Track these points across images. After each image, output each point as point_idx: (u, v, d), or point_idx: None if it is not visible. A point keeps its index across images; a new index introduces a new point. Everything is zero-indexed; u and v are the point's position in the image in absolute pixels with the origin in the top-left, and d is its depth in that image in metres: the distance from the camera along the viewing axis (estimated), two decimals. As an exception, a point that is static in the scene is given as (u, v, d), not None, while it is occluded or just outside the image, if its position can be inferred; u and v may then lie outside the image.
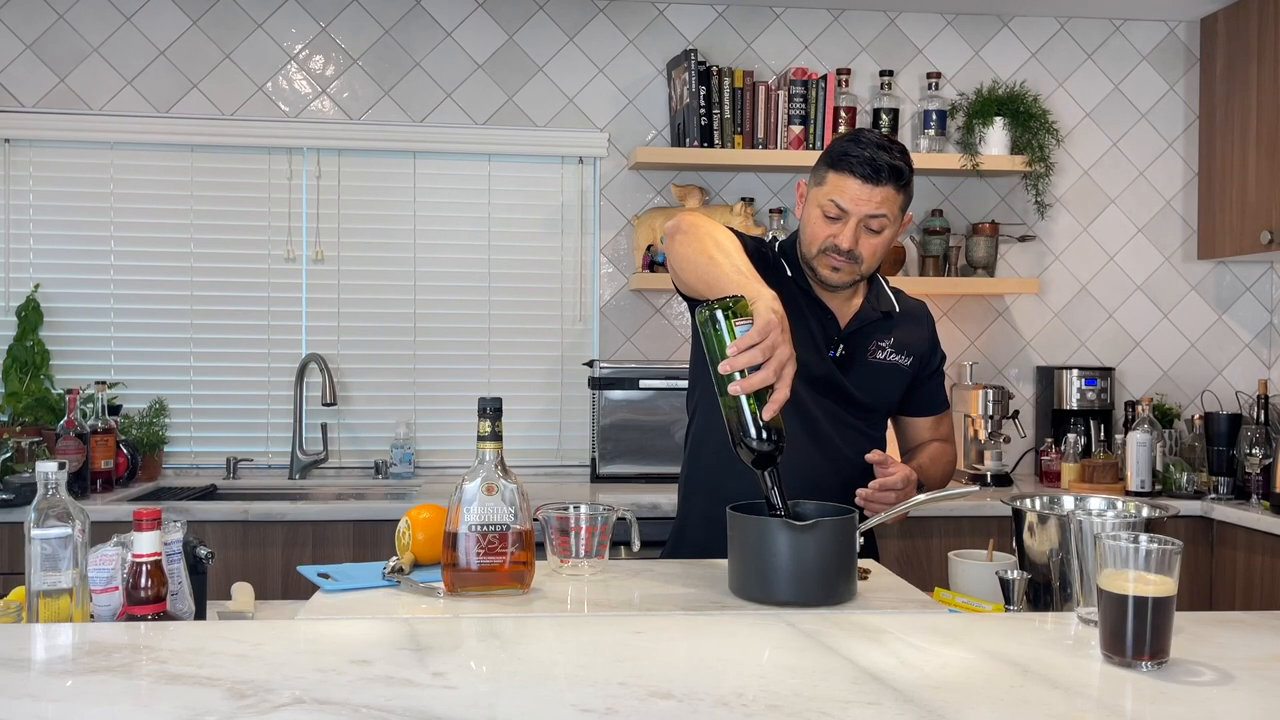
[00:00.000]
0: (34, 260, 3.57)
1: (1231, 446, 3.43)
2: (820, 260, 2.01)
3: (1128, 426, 3.57)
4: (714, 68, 3.58)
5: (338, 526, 3.02)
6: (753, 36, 3.80)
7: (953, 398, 3.81)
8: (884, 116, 3.69)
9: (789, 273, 2.08)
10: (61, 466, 1.52)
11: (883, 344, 2.11)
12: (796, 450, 1.90)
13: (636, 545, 1.86)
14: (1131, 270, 3.96)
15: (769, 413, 1.59)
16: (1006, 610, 1.62)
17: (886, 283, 2.22)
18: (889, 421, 2.23)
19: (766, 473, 1.64)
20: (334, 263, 3.68)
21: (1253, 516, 3.11)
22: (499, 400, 1.71)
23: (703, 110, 3.55)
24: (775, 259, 2.10)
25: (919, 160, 3.66)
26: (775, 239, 2.25)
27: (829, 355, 2.06)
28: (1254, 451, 3.30)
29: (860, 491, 1.90)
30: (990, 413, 3.61)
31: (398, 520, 1.87)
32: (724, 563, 1.70)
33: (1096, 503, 1.74)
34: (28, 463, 2.99)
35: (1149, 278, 3.97)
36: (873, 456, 1.94)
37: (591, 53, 3.75)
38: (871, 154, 1.95)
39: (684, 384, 2.26)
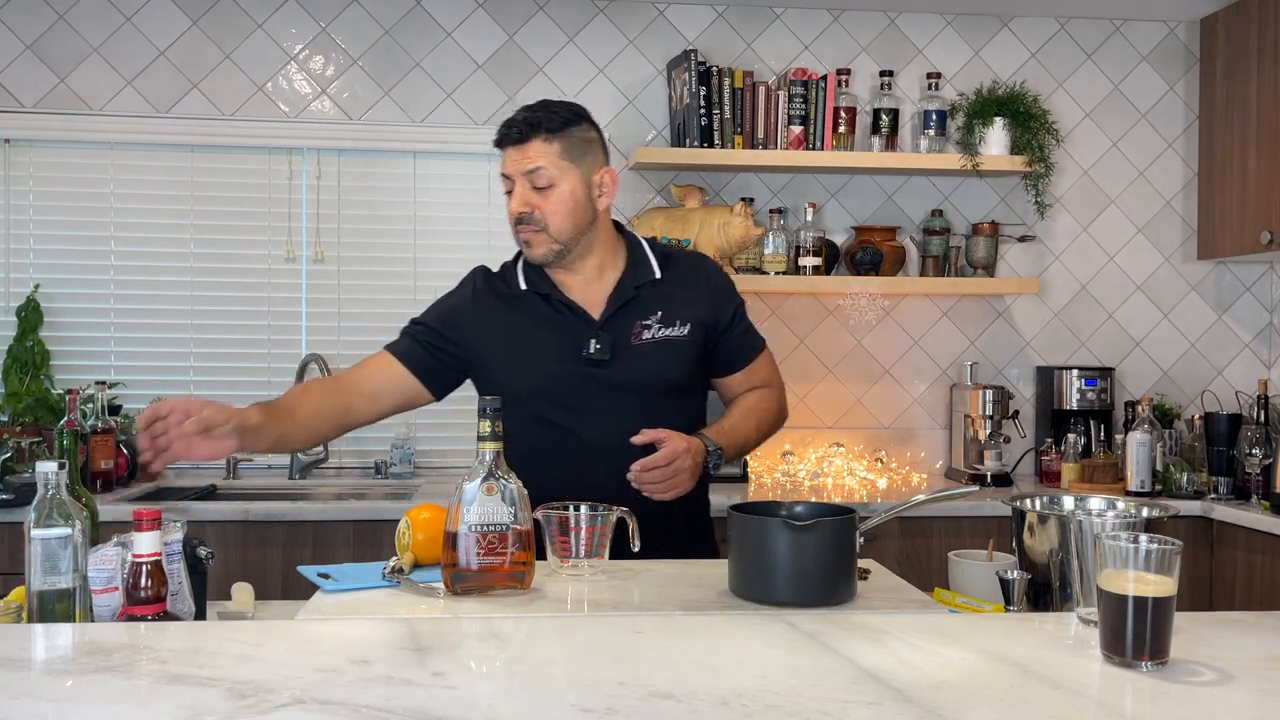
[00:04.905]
0: (34, 260, 3.57)
1: (1231, 446, 3.43)
2: (519, 241, 2.06)
3: (1128, 426, 3.57)
4: (714, 68, 3.58)
5: (338, 526, 3.02)
6: (753, 37, 3.80)
7: (952, 398, 3.82)
8: (884, 116, 3.69)
9: (523, 287, 2.10)
10: (61, 466, 1.52)
11: (647, 322, 2.06)
12: (581, 456, 2.01)
13: (636, 545, 1.86)
14: (1131, 270, 3.96)
15: None
16: (1006, 610, 1.62)
17: (654, 247, 2.16)
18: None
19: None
20: (334, 263, 3.68)
21: (1253, 516, 3.11)
22: (499, 400, 1.71)
23: (703, 110, 3.55)
24: (495, 288, 2.14)
25: (919, 160, 3.68)
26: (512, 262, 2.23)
27: (583, 354, 2.04)
28: (1254, 451, 3.30)
29: (629, 474, 1.90)
30: (990, 413, 3.61)
31: (398, 520, 1.87)
32: (724, 563, 1.70)
33: (1096, 503, 1.74)
34: (28, 463, 2.99)
35: (1149, 278, 3.97)
36: (638, 439, 1.93)
37: (591, 53, 3.75)
38: (515, 118, 2.03)
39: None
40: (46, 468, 1.51)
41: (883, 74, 3.73)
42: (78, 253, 3.59)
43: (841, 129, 3.65)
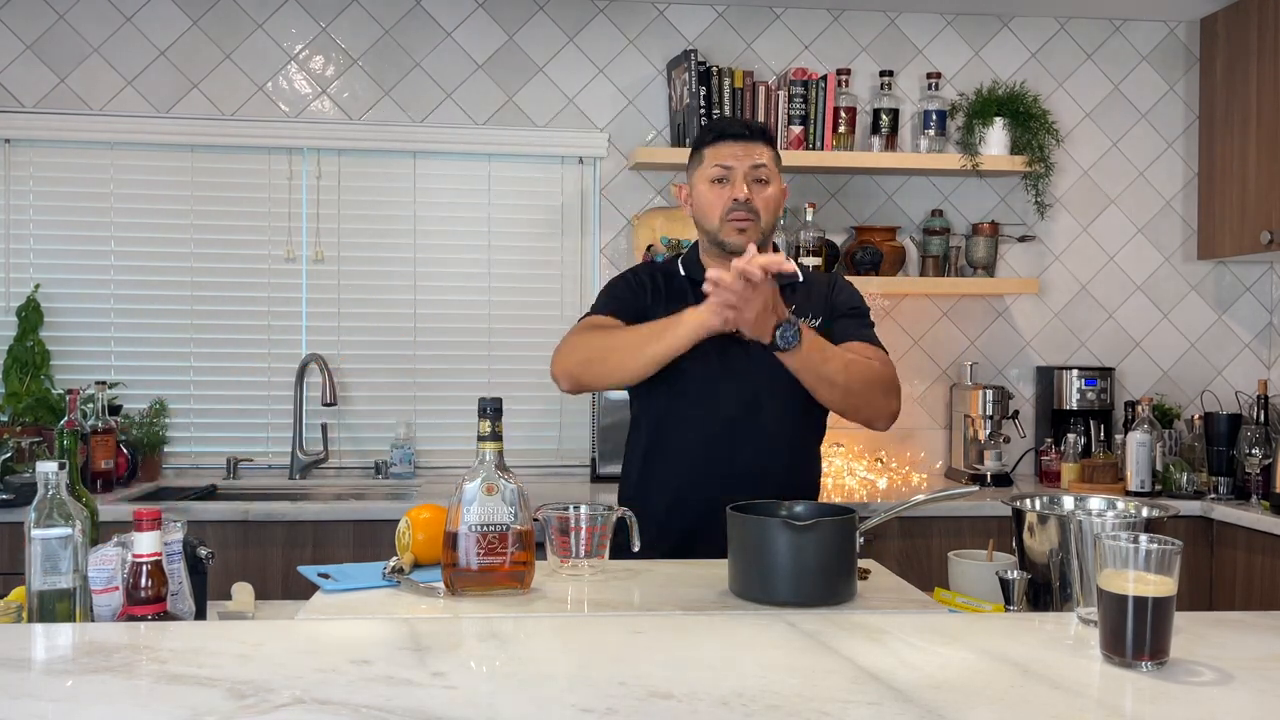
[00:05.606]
0: (34, 260, 3.57)
1: (1231, 446, 3.43)
2: (727, 227, 2.18)
3: (1128, 426, 3.57)
4: (714, 68, 3.58)
5: (338, 526, 3.02)
6: (753, 36, 3.80)
7: (952, 398, 3.82)
8: (884, 116, 3.69)
9: (682, 272, 2.28)
10: (61, 466, 1.52)
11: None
12: (711, 421, 2.15)
13: (636, 545, 1.86)
14: (1131, 270, 3.96)
15: None
16: (1006, 610, 1.62)
17: (793, 260, 2.33)
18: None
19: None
20: (334, 263, 3.68)
21: (1253, 516, 3.11)
22: (499, 400, 1.71)
23: (703, 110, 3.55)
24: (660, 274, 2.29)
25: (919, 160, 3.69)
26: (654, 259, 2.43)
27: (732, 333, 2.13)
28: (1254, 451, 3.30)
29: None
30: (990, 413, 3.61)
31: (398, 520, 1.87)
32: (724, 563, 1.70)
33: (1096, 503, 1.74)
34: (28, 463, 2.99)
35: (1149, 278, 3.97)
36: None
37: (591, 53, 3.75)
38: (736, 121, 2.22)
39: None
40: (46, 468, 1.51)
41: (883, 74, 3.73)
42: (78, 253, 3.59)
43: (841, 129, 3.65)
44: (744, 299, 1.86)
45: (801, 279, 2.28)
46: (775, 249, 2.32)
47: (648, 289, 2.27)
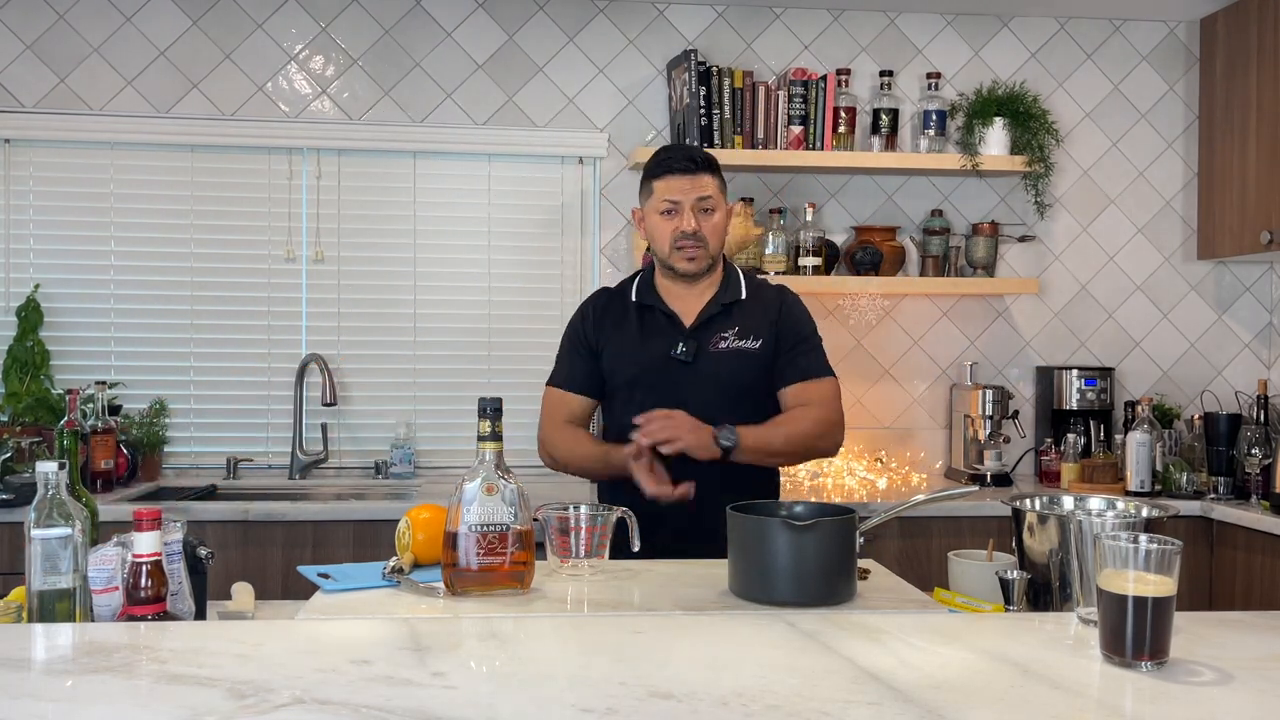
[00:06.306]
0: (34, 260, 3.57)
1: (1231, 446, 3.43)
2: (676, 256, 2.32)
3: (1128, 426, 3.57)
4: (714, 68, 3.58)
5: (338, 526, 3.02)
6: (753, 36, 3.80)
7: (952, 398, 3.82)
8: (884, 116, 3.69)
9: (633, 299, 2.41)
10: (61, 466, 1.52)
11: (726, 334, 2.35)
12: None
13: (636, 545, 1.86)
14: (1131, 270, 3.96)
15: None
16: (1006, 610, 1.62)
17: (748, 277, 2.47)
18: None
19: None
20: (334, 263, 3.68)
21: (1253, 516, 3.11)
22: (499, 400, 1.71)
23: (703, 110, 3.55)
24: (611, 300, 2.45)
25: (919, 160, 3.69)
26: (611, 285, 2.58)
27: (672, 354, 2.31)
28: (1254, 451, 3.30)
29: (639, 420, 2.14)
30: (990, 413, 3.61)
31: (398, 520, 1.87)
32: (724, 563, 1.70)
33: (1096, 503, 1.74)
34: (28, 463, 2.99)
35: (1149, 278, 3.97)
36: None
37: (591, 53, 3.75)
38: (681, 153, 2.34)
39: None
40: (46, 468, 1.51)
41: (883, 74, 3.73)
42: (78, 253, 3.59)
43: (841, 129, 3.65)
44: (668, 427, 2.11)
45: (744, 297, 2.37)
46: (725, 263, 2.42)
47: (590, 326, 2.41)
